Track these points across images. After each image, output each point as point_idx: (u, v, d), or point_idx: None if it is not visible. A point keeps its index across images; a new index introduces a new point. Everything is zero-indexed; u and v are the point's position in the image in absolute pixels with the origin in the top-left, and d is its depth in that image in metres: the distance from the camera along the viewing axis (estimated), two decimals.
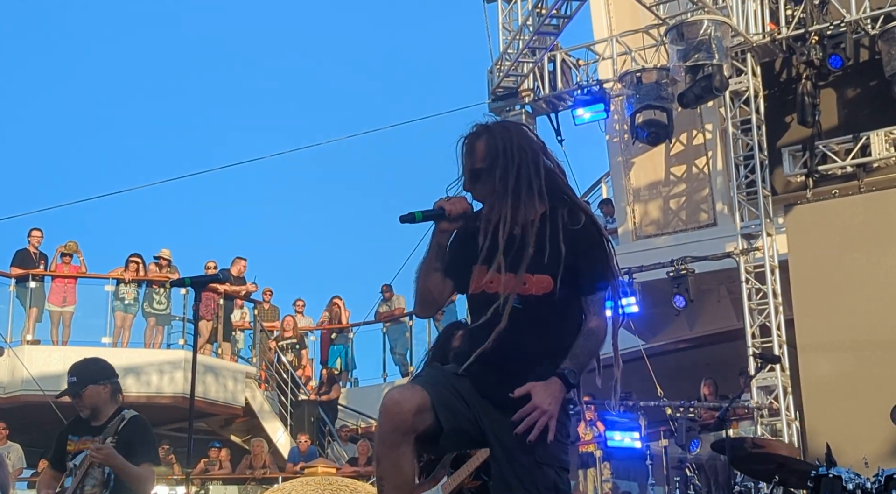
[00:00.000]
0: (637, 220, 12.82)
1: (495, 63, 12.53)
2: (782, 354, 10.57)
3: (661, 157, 12.66)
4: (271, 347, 16.09)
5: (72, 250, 14.96)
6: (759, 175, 11.17)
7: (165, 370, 14.49)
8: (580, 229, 3.10)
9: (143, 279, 14.94)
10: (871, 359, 9.73)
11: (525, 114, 12.77)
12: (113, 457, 4.77)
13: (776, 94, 11.67)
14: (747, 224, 11.21)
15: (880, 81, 10.73)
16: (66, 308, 14.69)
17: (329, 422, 14.95)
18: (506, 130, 3.15)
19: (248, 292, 16.01)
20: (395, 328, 16.70)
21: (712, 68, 10.60)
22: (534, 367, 3.06)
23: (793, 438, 10.50)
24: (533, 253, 3.05)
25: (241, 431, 15.82)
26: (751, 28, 11.26)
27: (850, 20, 10.78)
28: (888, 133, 10.90)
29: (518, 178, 3.07)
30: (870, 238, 10.43)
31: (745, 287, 10.99)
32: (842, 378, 10.08)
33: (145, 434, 4.97)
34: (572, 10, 11.43)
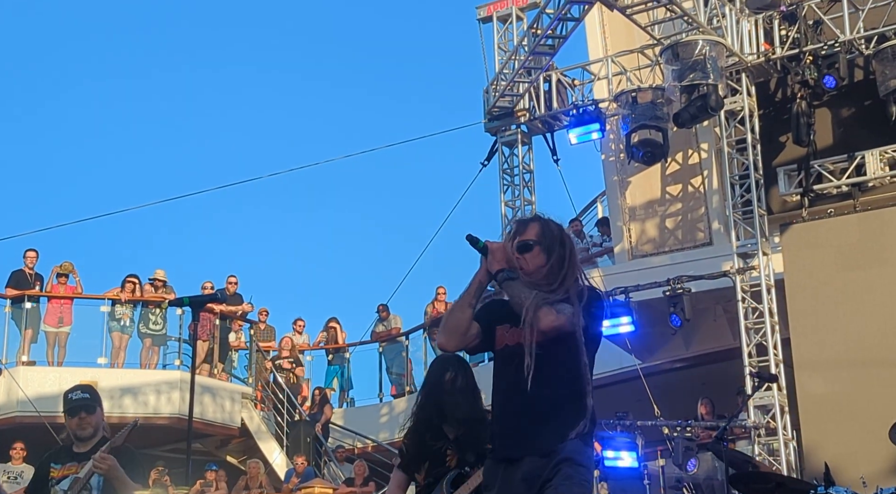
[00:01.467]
0: (633, 239, 12.83)
1: (491, 83, 12.57)
2: (779, 373, 10.55)
3: (656, 176, 12.69)
4: (267, 367, 16.05)
5: (67, 270, 14.95)
6: (755, 194, 11.19)
7: (162, 390, 14.44)
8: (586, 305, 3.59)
9: (140, 300, 14.92)
10: (868, 378, 9.72)
11: (521, 133, 12.81)
12: (116, 469, 4.73)
13: (771, 113, 11.71)
14: (743, 243, 11.23)
15: (875, 100, 10.78)
16: (62, 329, 14.66)
17: (325, 442, 14.91)
18: (557, 224, 3.70)
19: (244, 313, 15.99)
20: (391, 348, 16.68)
21: (707, 88, 10.64)
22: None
23: (790, 457, 10.47)
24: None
25: (237, 452, 15.76)
26: (745, 48, 11.32)
27: (844, 40, 10.84)
28: (883, 152, 10.94)
29: (564, 263, 3.58)
30: (865, 257, 10.45)
31: (742, 306, 10.99)
32: (839, 397, 10.07)
33: (132, 458, 4.92)
34: (567, 31, 11.48)
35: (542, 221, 3.67)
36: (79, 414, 4.95)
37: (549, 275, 3.55)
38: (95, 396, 5.05)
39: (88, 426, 4.95)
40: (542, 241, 3.59)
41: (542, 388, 3.43)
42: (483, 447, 4.06)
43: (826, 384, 10.23)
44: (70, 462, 4.94)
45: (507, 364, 3.53)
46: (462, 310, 3.56)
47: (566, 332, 3.44)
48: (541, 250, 3.58)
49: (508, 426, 3.51)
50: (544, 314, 3.42)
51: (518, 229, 3.65)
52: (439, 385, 4.26)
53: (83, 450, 4.93)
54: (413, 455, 4.34)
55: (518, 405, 3.48)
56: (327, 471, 14.46)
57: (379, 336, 16.62)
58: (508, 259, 3.54)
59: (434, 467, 4.26)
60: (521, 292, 3.49)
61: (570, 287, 3.53)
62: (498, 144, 12.94)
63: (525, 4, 12.55)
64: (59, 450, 5.07)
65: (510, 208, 12.89)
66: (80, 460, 4.89)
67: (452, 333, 3.57)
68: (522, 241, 3.59)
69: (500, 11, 12.67)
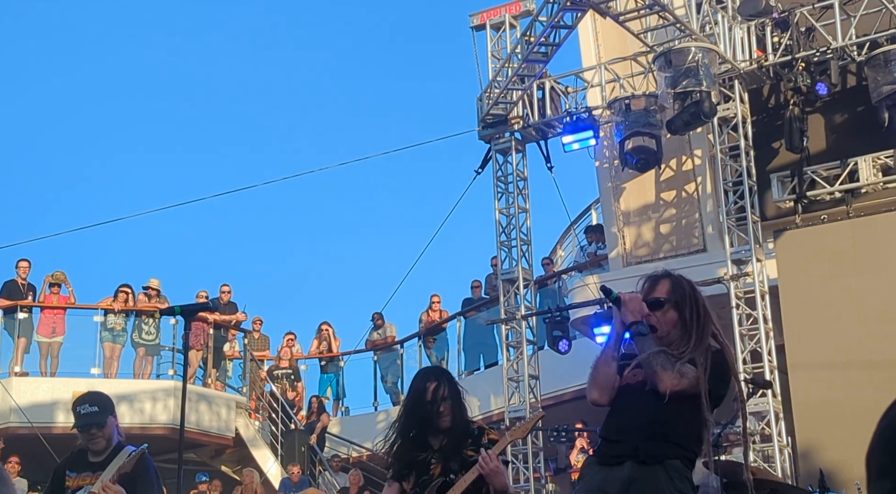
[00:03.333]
0: (627, 245, 12.83)
1: (484, 91, 12.58)
2: (773, 379, 10.55)
3: (650, 182, 12.69)
4: (262, 376, 16.01)
5: (60, 280, 14.90)
6: (748, 201, 11.19)
7: (156, 400, 14.40)
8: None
9: (133, 309, 14.88)
10: (863, 383, 9.71)
11: (515, 141, 12.82)
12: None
13: (764, 119, 11.73)
14: (737, 250, 11.23)
15: (867, 106, 10.79)
16: (55, 339, 14.62)
17: (320, 451, 14.86)
18: (688, 281, 3.81)
19: (237, 322, 15.96)
20: (386, 357, 16.65)
21: (700, 95, 10.65)
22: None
23: (785, 463, 10.46)
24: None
25: (231, 461, 15.71)
26: (738, 55, 11.34)
27: (836, 47, 10.86)
28: (875, 159, 10.95)
29: (696, 321, 3.67)
30: (859, 263, 10.45)
31: (736, 313, 10.98)
32: (833, 403, 10.06)
33: (148, 470, 4.87)
34: (560, 38, 11.49)
35: (674, 278, 3.77)
36: (90, 430, 4.88)
37: (681, 333, 3.65)
38: (105, 407, 4.96)
39: (101, 440, 4.90)
40: (673, 298, 3.68)
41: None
42: (466, 455, 4.10)
43: (820, 390, 10.23)
44: (85, 471, 4.89)
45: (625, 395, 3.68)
46: (608, 365, 3.68)
47: (688, 394, 3.54)
48: (672, 308, 3.66)
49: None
50: (666, 376, 3.51)
51: (650, 286, 3.75)
52: (424, 395, 4.27)
53: (98, 459, 4.89)
54: (399, 467, 4.37)
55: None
56: (322, 480, 14.42)
57: (374, 345, 16.59)
58: (643, 311, 3.63)
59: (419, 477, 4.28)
60: (649, 350, 3.57)
61: (699, 347, 3.60)
62: (492, 151, 12.94)
63: (518, 12, 12.56)
64: (76, 456, 5.01)
65: (504, 216, 12.90)
66: (94, 470, 4.84)
67: (604, 388, 3.67)
68: (654, 298, 3.68)
69: (494, 19, 12.67)
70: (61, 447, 5.14)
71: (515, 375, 12.46)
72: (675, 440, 3.56)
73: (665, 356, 3.55)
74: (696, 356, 3.57)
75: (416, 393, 4.33)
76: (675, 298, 3.68)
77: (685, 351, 3.59)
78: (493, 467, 4.12)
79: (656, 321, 3.64)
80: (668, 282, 3.73)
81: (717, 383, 3.60)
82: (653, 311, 3.65)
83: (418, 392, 4.31)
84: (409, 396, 4.45)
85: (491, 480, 4.16)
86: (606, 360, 3.68)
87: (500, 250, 12.90)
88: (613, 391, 3.66)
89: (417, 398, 4.31)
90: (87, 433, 4.89)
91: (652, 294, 3.70)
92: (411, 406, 4.34)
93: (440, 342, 16.13)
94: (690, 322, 3.64)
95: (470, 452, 4.21)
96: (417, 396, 4.31)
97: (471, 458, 4.20)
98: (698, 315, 3.66)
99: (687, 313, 3.65)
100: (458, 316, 15.79)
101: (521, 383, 12.35)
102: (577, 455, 12.32)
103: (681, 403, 3.51)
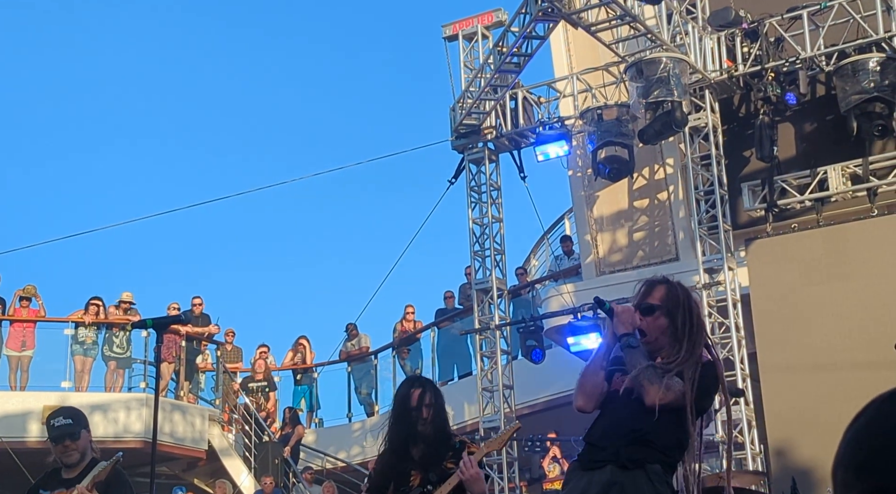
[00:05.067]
0: (600, 254, 12.88)
1: (457, 101, 12.59)
2: (746, 387, 10.60)
3: (623, 191, 12.75)
4: (235, 388, 15.92)
5: (30, 293, 14.77)
6: (720, 210, 11.26)
7: (127, 413, 14.27)
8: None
9: (103, 322, 14.76)
10: (834, 390, 9.79)
11: (488, 151, 12.84)
12: None
13: (735, 129, 11.81)
14: (709, 258, 11.29)
15: (837, 115, 10.90)
16: (25, 353, 14.47)
17: (293, 463, 14.78)
18: (685, 289, 3.81)
19: (210, 334, 15.86)
20: (360, 368, 16.60)
21: (672, 105, 10.72)
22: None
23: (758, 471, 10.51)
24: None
25: (204, 474, 15.60)
26: (708, 65, 11.42)
27: (805, 57, 10.96)
28: (844, 167, 11.05)
29: (687, 330, 3.68)
30: (829, 271, 10.54)
31: (709, 321, 11.04)
32: (805, 411, 10.13)
33: (123, 483, 4.87)
34: (533, 49, 11.54)
35: (670, 284, 3.77)
36: (63, 442, 4.86)
37: (671, 340, 3.67)
38: (79, 420, 4.95)
39: (74, 453, 4.86)
40: (666, 305, 3.69)
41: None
42: (446, 467, 4.12)
43: (792, 398, 10.29)
44: (59, 487, 4.86)
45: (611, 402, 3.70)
46: (596, 374, 3.71)
47: (673, 407, 3.56)
48: (663, 315, 3.68)
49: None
50: (653, 390, 3.53)
51: (645, 291, 3.76)
52: (409, 400, 4.31)
53: (72, 476, 4.85)
54: (378, 477, 4.40)
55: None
56: (296, 492, 14.34)
57: (347, 356, 16.54)
58: (634, 323, 3.65)
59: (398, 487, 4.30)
60: (637, 363, 3.58)
61: (689, 359, 3.61)
62: (465, 161, 12.95)
63: (490, 23, 12.60)
64: (49, 475, 4.99)
65: (478, 225, 12.91)
66: (68, 486, 4.82)
67: (591, 395, 3.70)
68: (647, 304, 3.71)
69: (466, 30, 12.70)
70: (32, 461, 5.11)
71: (489, 385, 12.46)
72: (657, 445, 3.59)
73: (653, 369, 3.57)
74: (685, 368, 3.59)
75: (402, 399, 4.37)
76: (668, 305, 3.70)
77: (675, 361, 3.61)
78: (472, 473, 4.15)
79: (646, 326, 3.67)
80: (664, 288, 3.75)
81: (703, 397, 3.65)
82: (644, 316, 3.68)
83: (404, 398, 4.35)
84: (395, 402, 4.48)
85: (470, 487, 4.19)
86: (595, 369, 3.72)
87: (473, 260, 12.91)
88: (600, 400, 3.70)
89: (403, 404, 4.35)
90: (60, 445, 4.86)
91: (646, 299, 3.73)
92: (397, 413, 4.38)
93: (414, 352, 16.11)
94: (682, 331, 3.66)
95: (450, 464, 4.24)
96: (403, 401, 4.35)
97: (450, 470, 4.22)
98: (691, 325, 3.69)
99: (679, 321, 3.67)
100: (432, 326, 15.78)
101: (495, 393, 12.35)
102: (549, 464, 12.33)
103: (665, 413, 3.55)
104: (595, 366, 3.71)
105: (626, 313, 3.65)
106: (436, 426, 4.28)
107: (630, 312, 3.66)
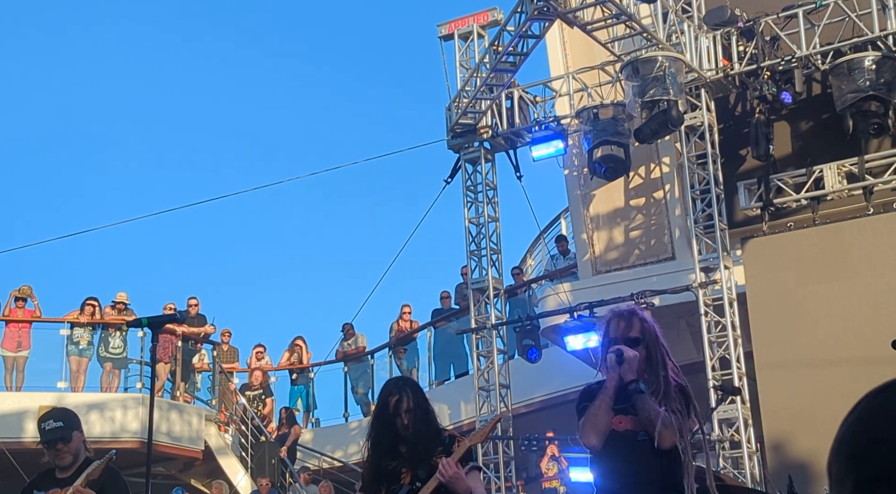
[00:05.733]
0: (596, 254, 12.88)
1: (453, 100, 12.59)
2: (742, 386, 10.60)
3: (619, 190, 12.75)
4: (231, 388, 15.90)
5: (26, 294, 14.75)
6: (716, 208, 11.26)
7: (124, 412, 14.26)
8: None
9: (99, 322, 14.74)
10: (830, 388, 9.79)
11: (483, 150, 12.84)
12: None
13: (731, 127, 11.82)
14: (705, 257, 11.29)
15: (832, 114, 10.91)
16: (21, 353, 14.45)
17: (290, 463, 14.77)
18: (651, 320, 4.17)
19: (206, 334, 15.84)
20: (356, 367, 16.59)
21: (668, 103, 10.72)
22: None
23: (754, 470, 10.52)
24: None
25: (201, 475, 15.58)
26: (704, 64, 11.42)
27: (800, 56, 10.97)
28: (840, 166, 11.06)
29: (662, 362, 4.06)
30: (825, 270, 10.55)
31: (705, 320, 11.04)
32: (801, 409, 10.14)
33: (117, 481, 4.90)
34: (528, 48, 11.53)
35: (641, 316, 4.15)
36: (55, 446, 4.89)
37: (646, 367, 4.02)
38: (70, 422, 4.98)
39: (67, 455, 4.90)
40: (645, 338, 4.06)
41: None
42: (435, 463, 4.17)
43: (789, 396, 10.30)
44: (53, 487, 4.90)
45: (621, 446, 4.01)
46: (606, 412, 4.01)
47: (679, 446, 3.95)
48: (643, 347, 4.03)
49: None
50: (668, 434, 3.88)
51: (626, 325, 4.09)
52: (387, 408, 4.35)
53: (66, 476, 4.89)
54: (370, 478, 4.44)
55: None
56: (293, 492, 14.33)
57: (344, 356, 16.53)
58: (640, 370, 3.97)
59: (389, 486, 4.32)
60: (650, 409, 3.91)
61: (669, 390, 3.96)
62: (461, 161, 12.95)
63: (486, 22, 12.59)
64: (43, 475, 5.03)
65: (474, 225, 12.91)
66: (62, 485, 4.85)
67: (601, 433, 4.01)
68: (633, 337, 4.05)
69: (462, 29, 12.70)
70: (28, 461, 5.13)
71: (486, 384, 12.46)
72: (679, 487, 3.93)
73: (666, 416, 3.91)
74: (670, 401, 3.94)
75: (380, 405, 4.44)
76: (646, 337, 4.05)
77: (656, 391, 3.96)
78: (451, 474, 4.18)
79: (632, 356, 4.00)
80: (639, 321, 4.10)
81: (696, 417, 4.11)
82: (631, 347, 4.01)
83: (382, 405, 4.41)
84: (375, 408, 4.59)
85: (452, 487, 4.21)
86: (604, 409, 3.99)
87: (469, 260, 12.91)
88: (605, 436, 4.00)
89: (381, 411, 4.41)
90: (52, 449, 4.90)
91: (630, 332, 4.06)
92: (376, 419, 4.46)
93: (411, 352, 16.10)
94: (656, 361, 4.02)
95: (440, 459, 4.24)
96: (381, 408, 4.42)
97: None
98: (664, 354, 4.06)
99: (654, 352, 4.03)
100: (429, 326, 15.77)
101: (492, 392, 12.34)
102: (547, 463, 12.33)
103: (671, 450, 3.92)
104: (604, 406, 3.98)
105: (634, 361, 3.97)
106: (418, 428, 4.31)
107: (636, 360, 3.98)
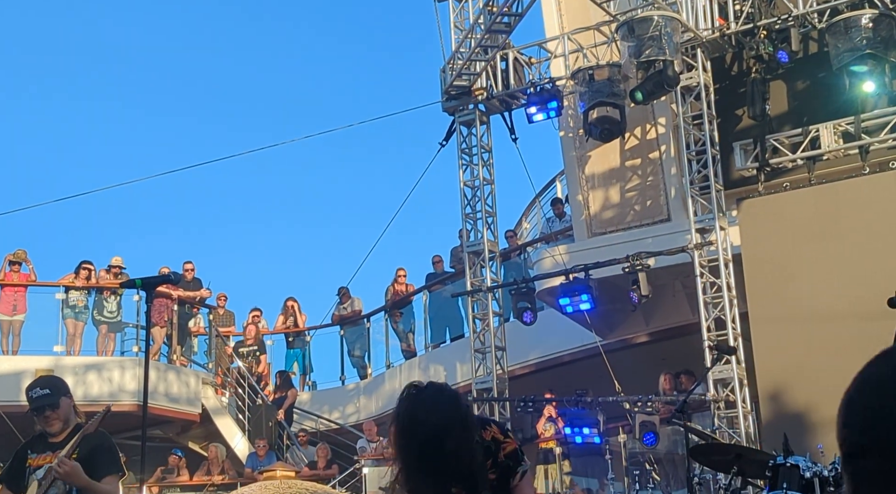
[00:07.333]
0: (592, 215, 12.85)
1: (448, 62, 12.50)
2: (737, 346, 10.64)
3: (615, 151, 12.70)
4: (227, 352, 15.93)
5: (21, 258, 14.72)
6: (712, 169, 11.22)
7: (122, 373, 14.30)
8: None
9: (94, 286, 14.73)
10: (824, 349, 9.82)
11: (479, 112, 12.77)
12: (76, 476, 4.75)
13: (727, 87, 11.75)
14: (701, 218, 11.27)
15: (829, 73, 10.84)
16: (16, 317, 14.46)
17: (287, 426, 14.84)
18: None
19: (202, 298, 15.85)
20: (352, 331, 16.63)
21: (664, 64, 10.64)
22: None
23: (749, 429, 10.58)
24: None
25: (198, 438, 15.66)
26: (700, 23, 11.33)
27: (797, 14, 10.88)
28: (836, 126, 11.02)
29: None
30: (821, 230, 10.54)
31: (700, 281, 11.04)
32: (796, 369, 10.18)
33: (105, 445, 4.95)
34: (523, 8, 11.43)
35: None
36: (44, 412, 4.95)
37: None
38: (58, 388, 5.03)
39: (56, 422, 4.96)
40: None
41: None
42: (489, 479, 3.26)
43: (783, 357, 10.33)
44: (46, 451, 4.97)
45: None
46: None
47: None
48: None
49: None
50: None
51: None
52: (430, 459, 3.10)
53: (58, 440, 4.96)
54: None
55: None
56: (290, 455, 14.41)
57: (340, 319, 16.56)
58: None
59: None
60: None
61: None
62: (456, 123, 12.88)
63: None
64: (37, 438, 5.10)
65: (469, 188, 12.87)
66: (54, 449, 4.92)
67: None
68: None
69: None
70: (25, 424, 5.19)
71: (481, 346, 12.49)
72: None
73: None
74: None
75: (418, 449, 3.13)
76: None
77: None
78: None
79: None
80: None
81: None
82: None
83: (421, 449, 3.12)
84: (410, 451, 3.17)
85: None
86: None
87: (465, 223, 12.89)
88: None
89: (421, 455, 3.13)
90: (41, 415, 4.96)
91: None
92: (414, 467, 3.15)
93: (406, 315, 16.14)
94: None
95: (491, 476, 3.25)
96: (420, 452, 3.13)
97: (493, 482, 3.25)
98: None
99: None
100: (424, 289, 15.79)
101: (488, 354, 12.38)
102: (544, 424, 12.39)
103: None
104: None
105: None
106: (465, 467, 3.18)
107: None
